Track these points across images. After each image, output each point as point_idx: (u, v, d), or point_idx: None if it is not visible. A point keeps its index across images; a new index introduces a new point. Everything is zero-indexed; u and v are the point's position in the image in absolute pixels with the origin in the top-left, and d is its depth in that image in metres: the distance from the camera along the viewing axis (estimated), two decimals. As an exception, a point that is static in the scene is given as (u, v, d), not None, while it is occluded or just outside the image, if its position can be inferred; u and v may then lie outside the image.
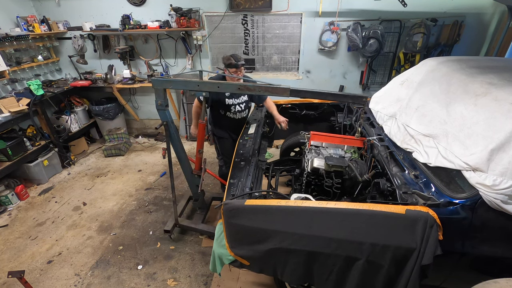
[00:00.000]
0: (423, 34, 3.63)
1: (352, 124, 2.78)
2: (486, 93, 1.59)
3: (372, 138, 2.18)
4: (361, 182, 1.98)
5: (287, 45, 4.33)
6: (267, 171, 2.63)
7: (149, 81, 4.34)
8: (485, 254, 1.50)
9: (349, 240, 1.46)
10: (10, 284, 2.40)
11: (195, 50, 4.39)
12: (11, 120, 3.38)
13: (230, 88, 2.00)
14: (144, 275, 2.48)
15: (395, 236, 1.42)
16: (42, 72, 4.44)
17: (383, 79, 4.28)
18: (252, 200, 1.66)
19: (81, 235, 2.94)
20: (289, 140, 3.01)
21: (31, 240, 2.91)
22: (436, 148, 1.68)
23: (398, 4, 3.52)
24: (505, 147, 1.35)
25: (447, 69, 2.04)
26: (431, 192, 1.54)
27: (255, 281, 2.37)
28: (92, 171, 4.13)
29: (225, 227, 1.71)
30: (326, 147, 2.40)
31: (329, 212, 1.51)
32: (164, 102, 2.41)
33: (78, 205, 3.41)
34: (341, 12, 3.87)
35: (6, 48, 3.79)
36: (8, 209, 3.36)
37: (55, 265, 2.61)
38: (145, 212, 3.24)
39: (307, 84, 4.48)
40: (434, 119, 1.80)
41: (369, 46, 3.78)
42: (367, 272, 1.48)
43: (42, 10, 4.35)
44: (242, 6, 3.97)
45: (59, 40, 4.56)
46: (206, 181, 3.57)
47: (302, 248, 1.52)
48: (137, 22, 4.15)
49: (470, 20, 3.74)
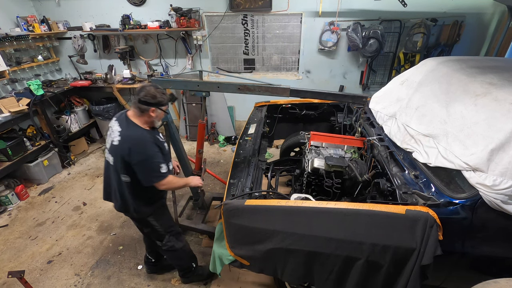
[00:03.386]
0: (423, 34, 3.63)
1: (352, 124, 2.78)
2: (486, 93, 1.59)
3: (372, 138, 2.18)
4: (361, 182, 1.99)
5: (287, 45, 4.33)
6: (267, 171, 2.63)
7: (149, 81, 4.33)
8: (485, 254, 1.50)
9: (349, 240, 1.46)
10: (10, 284, 2.40)
11: (195, 50, 4.39)
12: (11, 120, 3.38)
13: (230, 88, 2.00)
14: (144, 275, 2.48)
15: (395, 236, 1.42)
16: (42, 72, 4.44)
17: (383, 79, 4.28)
18: (252, 200, 1.66)
19: (81, 235, 2.94)
20: (289, 140, 3.01)
21: (31, 240, 2.91)
22: (436, 148, 1.68)
23: (398, 4, 3.52)
24: (505, 147, 1.35)
25: (447, 69, 2.04)
26: (431, 192, 1.54)
27: (255, 281, 2.37)
28: (92, 171, 4.13)
29: (225, 227, 1.71)
30: (326, 147, 2.40)
31: (329, 212, 1.51)
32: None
33: (78, 205, 3.41)
34: (341, 12, 3.87)
35: (6, 48, 3.79)
36: (8, 209, 3.36)
37: (55, 265, 2.61)
38: (145, 212, 3.24)
39: (307, 84, 4.48)
40: (434, 119, 1.80)
41: (369, 46, 3.78)
42: (367, 272, 1.49)
43: (42, 10, 4.35)
44: (242, 6, 3.97)
45: (59, 40, 4.56)
46: (206, 181, 3.57)
47: (302, 248, 1.52)
48: (137, 22, 4.15)
49: (470, 20, 3.74)
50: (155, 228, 2.01)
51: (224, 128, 4.84)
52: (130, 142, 1.65)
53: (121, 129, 1.69)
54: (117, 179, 1.79)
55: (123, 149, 1.65)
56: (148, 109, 1.67)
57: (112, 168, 1.77)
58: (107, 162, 1.80)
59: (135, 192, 1.80)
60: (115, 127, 1.73)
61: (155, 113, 1.70)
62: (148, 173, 1.71)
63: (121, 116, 1.77)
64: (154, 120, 1.74)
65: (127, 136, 1.67)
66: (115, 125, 1.73)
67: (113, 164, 1.75)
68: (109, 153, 1.75)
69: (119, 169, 1.72)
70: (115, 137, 1.68)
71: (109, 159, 1.76)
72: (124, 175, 1.72)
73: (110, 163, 1.76)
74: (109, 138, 1.75)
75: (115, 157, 1.71)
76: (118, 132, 1.69)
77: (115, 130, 1.71)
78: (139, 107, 1.68)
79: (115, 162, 1.73)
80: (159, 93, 1.70)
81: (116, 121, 1.75)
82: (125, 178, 1.73)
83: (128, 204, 1.85)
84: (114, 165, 1.74)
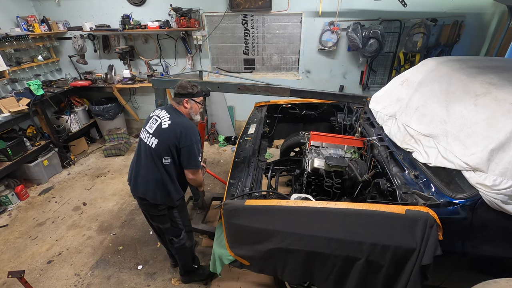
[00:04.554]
0: (423, 34, 3.63)
1: (352, 124, 2.78)
2: (486, 93, 1.59)
3: (372, 138, 2.18)
4: (361, 182, 1.99)
5: (287, 45, 4.33)
6: (267, 171, 2.63)
7: (149, 81, 4.34)
8: (485, 254, 1.50)
9: (349, 240, 1.46)
10: (10, 284, 2.40)
11: (195, 50, 4.39)
12: (11, 120, 3.38)
13: (230, 88, 2.00)
14: (144, 275, 2.48)
15: (395, 236, 1.42)
16: (42, 72, 4.43)
17: (383, 79, 4.28)
18: (252, 200, 1.66)
19: (81, 235, 2.94)
20: (289, 140, 3.01)
21: (31, 240, 2.91)
22: (436, 148, 1.68)
23: (398, 4, 3.52)
24: (505, 147, 1.35)
25: (447, 69, 2.04)
26: (431, 192, 1.54)
27: (255, 281, 2.37)
28: (92, 171, 4.13)
29: (225, 227, 1.71)
30: (326, 147, 2.40)
31: (329, 212, 1.51)
32: (164, 102, 2.42)
33: (78, 205, 3.41)
34: (341, 12, 3.87)
35: (6, 48, 3.79)
36: (8, 209, 3.36)
37: (55, 265, 2.61)
38: (145, 212, 3.24)
39: (307, 84, 4.47)
40: (434, 119, 1.80)
41: (369, 46, 3.78)
42: (367, 272, 1.49)
43: (42, 10, 4.35)
44: (242, 6, 3.97)
45: (59, 40, 4.56)
46: (206, 181, 3.57)
47: (302, 248, 1.52)
48: (137, 22, 4.15)
49: (470, 20, 3.74)
50: (177, 222, 2.06)
51: (224, 128, 4.84)
52: (181, 127, 1.80)
53: (170, 115, 1.84)
54: (155, 163, 1.83)
55: (175, 132, 1.78)
56: (182, 100, 1.88)
57: (153, 151, 1.82)
58: (146, 146, 1.85)
59: (171, 175, 1.87)
60: (162, 113, 1.87)
61: (189, 104, 1.90)
62: (191, 157, 1.83)
63: (166, 107, 1.94)
64: (190, 112, 1.92)
65: (179, 122, 1.82)
66: (162, 113, 1.87)
67: (154, 147, 1.81)
68: (153, 136, 1.82)
69: (162, 151, 1.80)
70: (165, 122, 1.81)
71: (152, 142, 1.82)
72: (166, 157, 1.81)
73: (152, 146, 1.82)
74: (152, 123, 1.86)
75: (161, 140, 1.80)
76: (167, 117, 1.83)
77: (163, 115, 1.85)
78: (175, 99, 1.91)
79: (158, 144, 1.80)
80: (190, 85, 1.90)
81: (163, 110, 1.90)
82: (166, 160, 1.82)
83: (160, 190, 1.87)
84: (157, 147, 1.80)
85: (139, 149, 1.93)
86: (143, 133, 1.91)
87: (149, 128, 1.87)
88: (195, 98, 1.92)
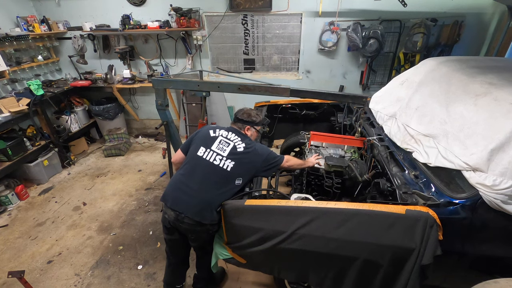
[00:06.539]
0: (423, 34, 3.63)
1: (352, 124, 2.78)
2: (486, 93, 1.59)
3: (372, 138, 2.18)
4: (361, 182, 1.99)
5: (287, 45, 4.33)
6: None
7: (149, 81, 4.34)
8: (485, 254, 1.50)
9: (349, 240, 1.46)
10: (10, 284, 2.40)
11: (195, 50, 4.39)
12: (11, 120, 3.38)
13: (230, 88, 2.00)
14: (144, 275, 2.48)
15: (395, 236, 1.42)
16: (42, 72, 4.43)
17: (383, 79, 4.28)
18: (252, 200, 1.66)
19: (81, 235, 2.94)
20: (289, 140, 3.01)
21: (31, 240, 2.91)
22: (436, 148, 1.68)
23: (398, 4, 3.52)
24: (505, 147, 1.35)
25: (447, 69, 2.04)
26: (431, 192, 1.54)
27: (255, 281, 2.37)
28: (92, 171, 4.13)
29: (225, 227, 1.71)
30: (326, 147, 2.40)
31: (329, 212, 1.51)
32: (164, 102, 2.42)
33: (78, 205, 3.41)
34: (341, 12, 3.87)
35: (6, 48, 3.79)
36: (8, 209, 3.36)
37: (55, 265, 2.61)
38: (145, 212, 3.24)
39: (307, 84, 4.47)
40: (434, 119, 1.80)
41: (369, 46, 3.78)
42: (366, 271, 1.49)
43: (42, 10, 4.35)
44: (242, 6, 3.97)
45: (59, 40, 4.56)
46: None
47: (302, 248, 1.52)
48: (137, 22, 4.15)
49: (470, 20, 3.74)
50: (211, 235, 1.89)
51: (224, 128, 4.84)
52: (262, 151, 1.84)
53: (240, 138, 1.84)
54: (223, 185, 1.72)
55: (258, 156, 1.81)
56: (244, 127, 1.93)
57: (227, 174, 1.73)
58: (216, 168, 1.74)
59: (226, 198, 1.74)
60: (231, 136, 1.85)
61: (249, 131, 1.95)
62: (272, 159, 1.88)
63: (229, 128, 1.92)
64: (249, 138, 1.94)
65: (258, 147, 1.85)
66: (230, 135, 1.86)
67: (231, 170, 1.73)
68: (228, 159, 1.75)
69: (235, 174, 1.74)
70: (239, 145, 1.81)
71: (227, 165, 1.74)
72: (239, 179, 1.76)
73: (226, 168, 1.73)
74: (223, 146, 1.81)
75: (239, 163, 1.76)
76: (238, 140, 1.83)
77: (234, 138, 1.84)
78: (237, 124, 1.95)
79: (235, 167, 1.74)
80: (254, 113, 1.98)
81: (229, 132, 1.88)
82: (238, 181, 1.77)
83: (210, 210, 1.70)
84: (233, 170, 1.73)
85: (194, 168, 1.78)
86: (207, 154, 1.78)
87: (220, 150, 1.78)
88: (256, 127, 1.98)
